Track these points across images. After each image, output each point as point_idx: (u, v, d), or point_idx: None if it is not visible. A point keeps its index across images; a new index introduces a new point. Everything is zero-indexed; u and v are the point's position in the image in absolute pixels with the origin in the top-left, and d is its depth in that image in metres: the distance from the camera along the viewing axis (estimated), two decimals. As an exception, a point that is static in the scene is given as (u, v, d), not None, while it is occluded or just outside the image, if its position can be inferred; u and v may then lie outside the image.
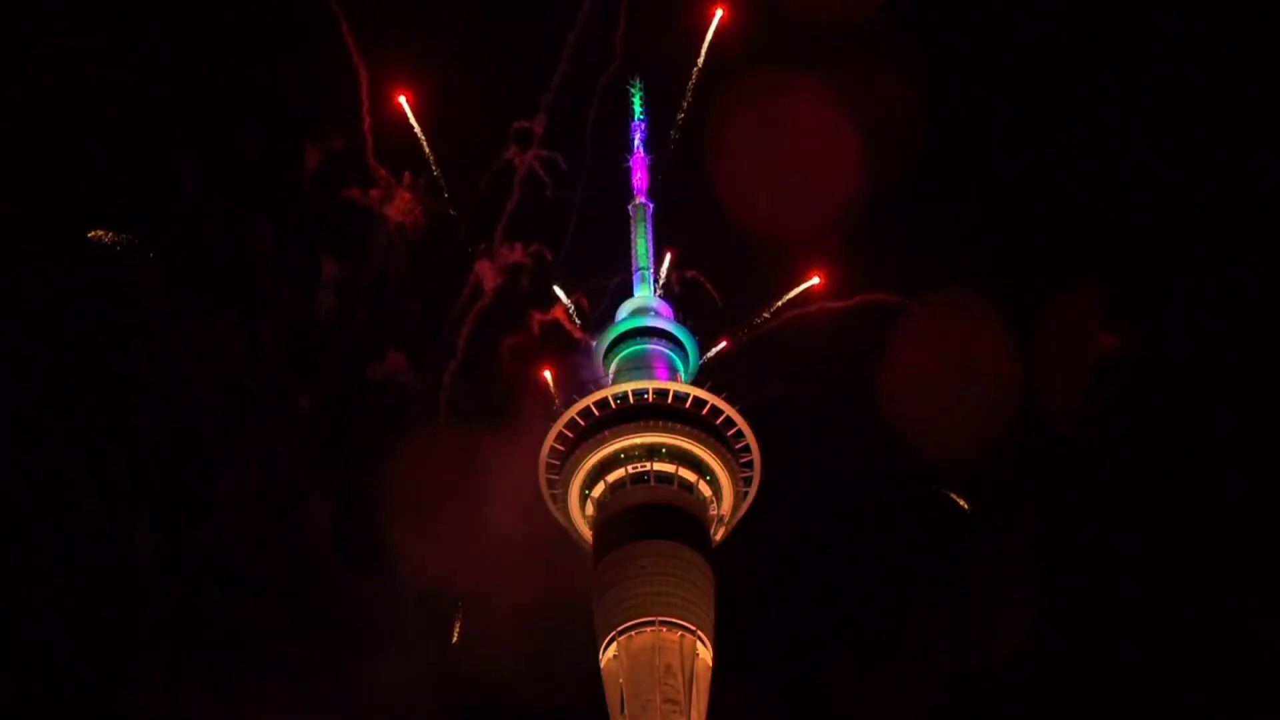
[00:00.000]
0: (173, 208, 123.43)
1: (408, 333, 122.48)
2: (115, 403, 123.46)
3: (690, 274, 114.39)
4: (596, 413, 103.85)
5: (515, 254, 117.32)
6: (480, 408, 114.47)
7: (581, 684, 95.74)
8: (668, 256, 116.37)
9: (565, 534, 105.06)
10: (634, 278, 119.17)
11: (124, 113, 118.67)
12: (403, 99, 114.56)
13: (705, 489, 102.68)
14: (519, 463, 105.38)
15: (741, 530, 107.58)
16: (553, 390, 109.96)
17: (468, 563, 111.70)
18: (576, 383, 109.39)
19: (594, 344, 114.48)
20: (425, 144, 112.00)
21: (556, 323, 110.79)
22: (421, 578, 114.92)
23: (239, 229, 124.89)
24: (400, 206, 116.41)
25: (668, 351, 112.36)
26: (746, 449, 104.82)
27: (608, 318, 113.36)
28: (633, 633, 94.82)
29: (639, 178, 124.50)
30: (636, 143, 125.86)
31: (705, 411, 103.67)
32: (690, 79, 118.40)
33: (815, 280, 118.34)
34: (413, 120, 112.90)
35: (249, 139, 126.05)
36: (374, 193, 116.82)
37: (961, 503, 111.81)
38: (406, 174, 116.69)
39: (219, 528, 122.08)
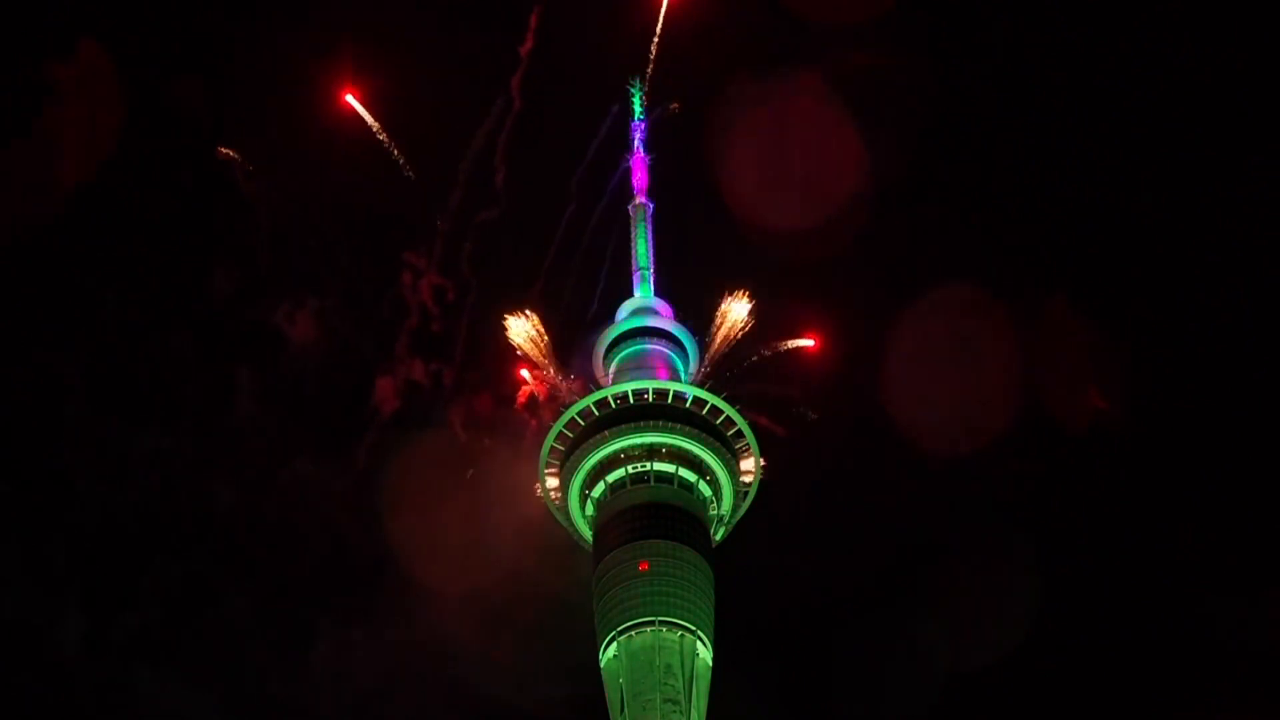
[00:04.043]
0: (97, 326, 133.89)
1: (317, 437, 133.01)
2: (46, 499, 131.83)
3: None
4: (596, 413, 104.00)
5: (416, 370, 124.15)
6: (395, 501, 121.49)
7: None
8: None
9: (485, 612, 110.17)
10: (634, 278, 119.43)
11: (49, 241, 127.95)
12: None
13: (705, 489, 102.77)
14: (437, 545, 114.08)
15: (741, 529, 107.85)
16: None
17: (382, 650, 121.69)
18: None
19: (594, 344, 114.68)
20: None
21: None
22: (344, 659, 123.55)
23: (158, 343, 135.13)
24: (304, 327, 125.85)
25: (668, 351, 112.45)
26: (747, 449, 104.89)
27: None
28: (633, 633, 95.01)
29: (639, 177, 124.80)
30: (636, 143, 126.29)
31: (705, 411, 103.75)
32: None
33: (810, 342, 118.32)
34: None
35: (164, 264, 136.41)
36: (280, 312, 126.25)
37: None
38: (309, 297, 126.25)
39: (144, 613, 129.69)
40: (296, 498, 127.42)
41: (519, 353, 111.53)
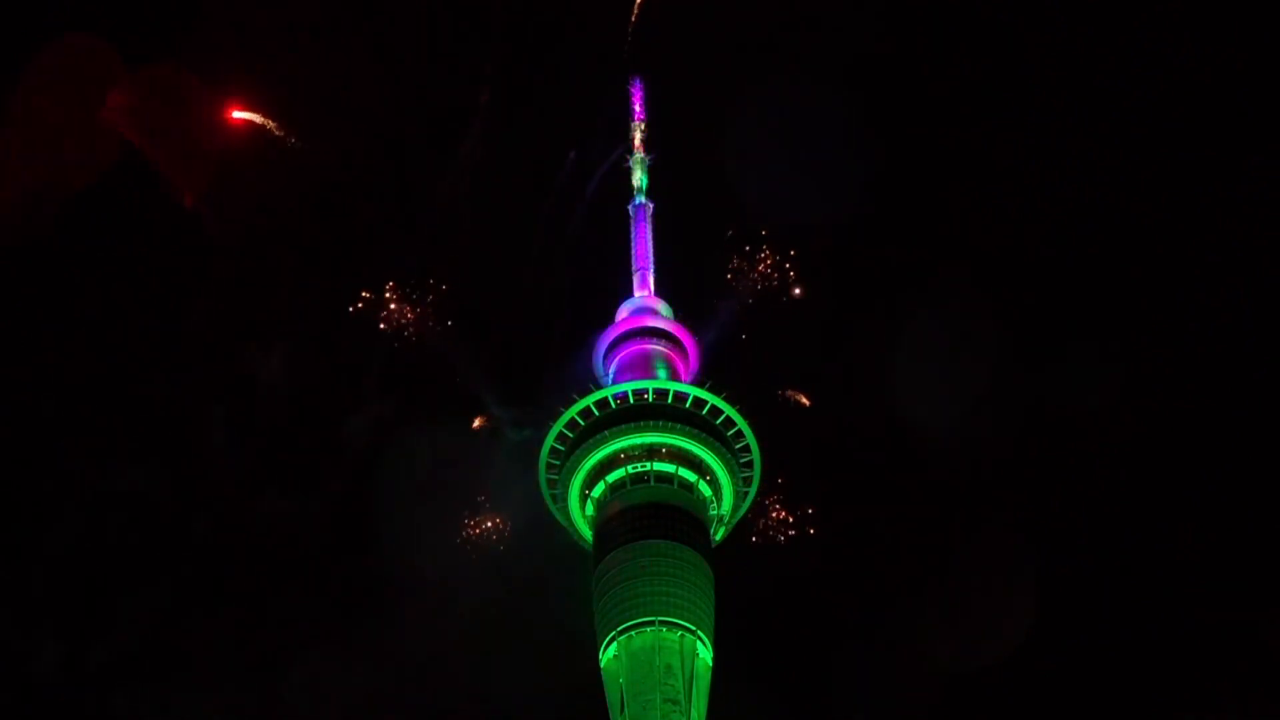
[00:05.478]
0: (72, 359, 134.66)
1: (292, 473, 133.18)
2: (22, 528, 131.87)
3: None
4: (596, 413, 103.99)
5: (386, 404, 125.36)
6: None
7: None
8: None
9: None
10: (634, 278, 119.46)
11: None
12: None
13: (705, 488, 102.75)
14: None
15: (742, 529, 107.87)
16: None
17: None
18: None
19: (595, 344, 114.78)
20: None
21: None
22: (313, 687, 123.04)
23: (134, 375, 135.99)
24: (275, 362, 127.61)
25: (668, 352, 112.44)
26: (746, 449, 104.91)
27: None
28: (633, 633, 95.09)
29: (638, 175, 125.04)
30: (637, 141, 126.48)
31: (705, 411, 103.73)
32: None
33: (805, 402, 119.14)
34: None
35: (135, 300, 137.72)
36: (251, 347, 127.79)
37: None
38: (279, 333, 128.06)
39: (120, 640, 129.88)
40: (271, 527, 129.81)
41: (397, 344, 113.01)
